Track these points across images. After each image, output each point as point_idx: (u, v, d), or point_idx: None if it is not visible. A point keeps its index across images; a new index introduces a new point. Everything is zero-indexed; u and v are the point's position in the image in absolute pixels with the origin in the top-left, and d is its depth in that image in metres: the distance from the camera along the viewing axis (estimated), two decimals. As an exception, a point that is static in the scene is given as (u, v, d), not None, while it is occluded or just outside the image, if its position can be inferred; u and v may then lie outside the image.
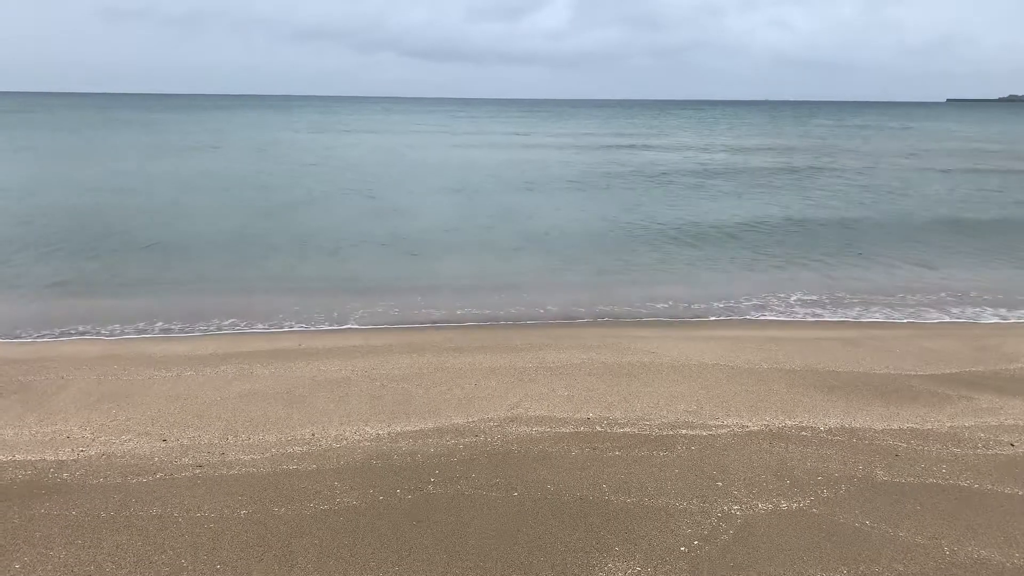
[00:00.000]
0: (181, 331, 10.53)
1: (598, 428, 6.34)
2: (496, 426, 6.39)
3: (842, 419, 6.64)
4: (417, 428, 6.36)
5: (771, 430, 6.34)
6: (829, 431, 6.33)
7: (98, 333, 10.39)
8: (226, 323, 10.99)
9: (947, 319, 11.67)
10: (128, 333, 10.42)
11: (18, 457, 5.78)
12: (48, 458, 5.76)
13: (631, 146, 50.97)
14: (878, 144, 55.25)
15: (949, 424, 6.53)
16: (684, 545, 4.51)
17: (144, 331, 10.55)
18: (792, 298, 12.77)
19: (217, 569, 4.25)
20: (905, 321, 11.49)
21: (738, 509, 4.93)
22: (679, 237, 18.28)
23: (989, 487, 5.31)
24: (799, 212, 22.42)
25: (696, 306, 12.24)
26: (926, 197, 26.02)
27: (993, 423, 6.57)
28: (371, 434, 6.24)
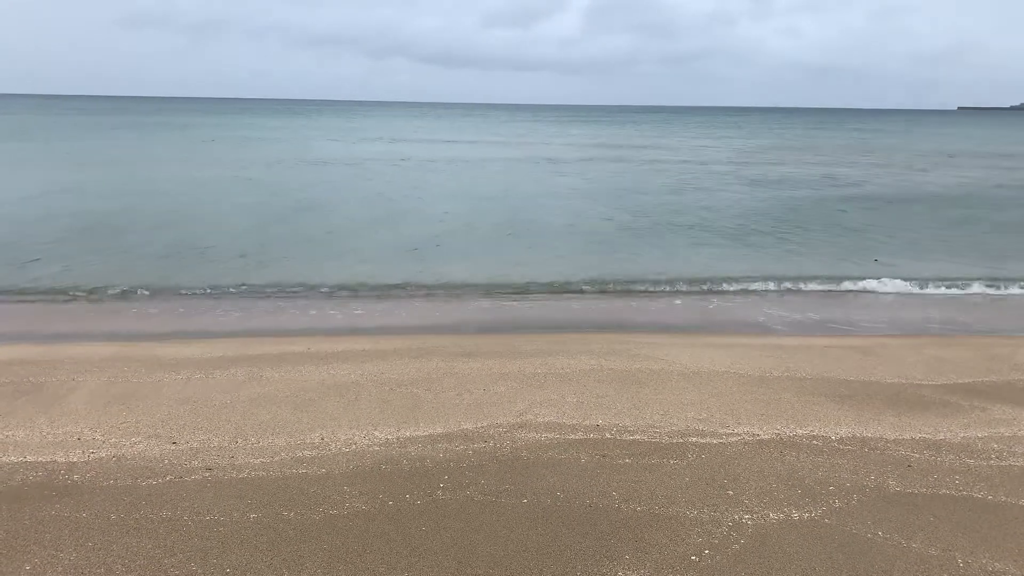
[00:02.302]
0: (191, 334, 10.56)
1: (608, 435, 6.32)
2: (505, 432, 6.37)
3: (853, 428, 6.59)
4: (426, 433, 6.35)
5: (782, 439, 6.30)
6: (840, 440, 6.29)
7: (109, 335, 10.43)
8: (236, 326, 11.02)
9: (955, 328, 11.60)
10: (139, 335, 10.46)
11: (29, 459, 5.80)
12: (59, 460, 5.78)
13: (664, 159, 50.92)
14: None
15: (962, 435, 6.48)
16: (695, 554, 4.48)
17: (154, 333, 10.59)
18: (804, 305, 12.72)
19: (227, 572, 4.25)
20: (915, 332, 11.42)
21: (749, 518, 4.90)
22: (695, 242, 18.24)
23: (1003, 499, 5.26)
24: (828, 218, 22.34)
25: (707, 312, 12.20)
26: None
27: (1007, 434, 6.52)
28: (380, 439, 6.24)
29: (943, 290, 13.96)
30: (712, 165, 41.22)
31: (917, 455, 6.00)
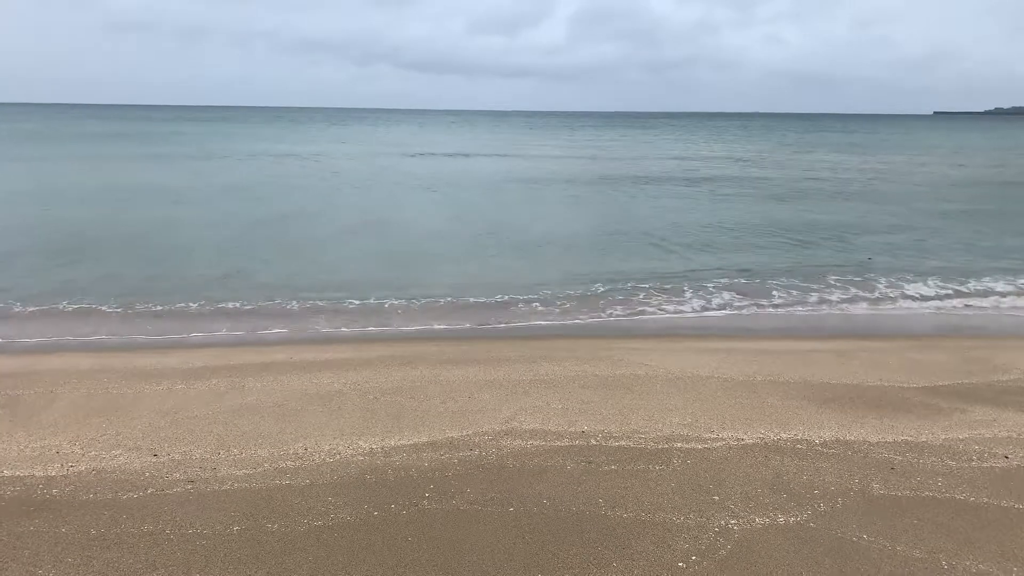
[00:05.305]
0: (172, 344, 10.45)
1: (593, 442, 6.31)
2: (491, 440, 6.35)
3: (837, 432, 6.63)
4: (411, 442, 6.31)
5: (766, 443, 6.32)
6: (824, 444, 6.32)
7: (89, 346, 10.29)
8: (217, 335, 10.92)
9: (938, 331, 11.72)
10: (118, 346, 10.33)
11: (6, 473, 5.70)
12: (37, 474, 5.68)
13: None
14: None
15: (944, 436, 6.54)
16: (682, 560, 4.48)
17: (134, 343, 10.47)
18: (788, 307, 12.80)
19: (210, 587, 4.19)
20: (896, 333, 11.53)
21: (735, 524, 4.91)
22: (677, 247, 18.31)
23: (985, 500, 5.31)
24: (812, 219, 22.52)
25: (686, 316, 12.25)
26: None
27: (987, 435, 6.59)
28: (364, 448, 6.19)
29: None
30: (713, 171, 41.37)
31: (900, 457, 6.04)
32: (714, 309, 12.77)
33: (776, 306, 13.02)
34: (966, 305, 13.28)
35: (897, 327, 11.90)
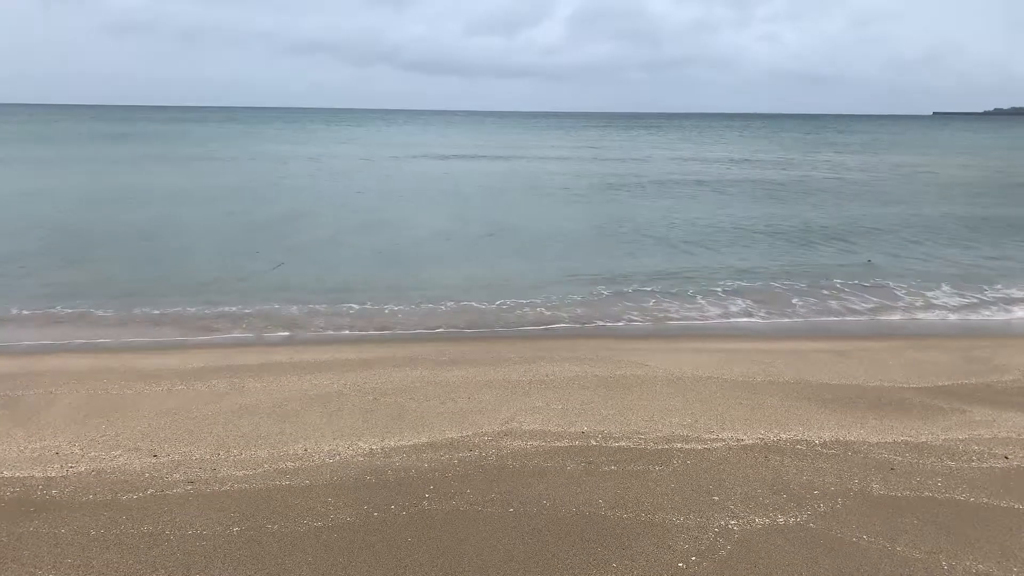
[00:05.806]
0: (172, 345, 10.45)
1: (593, 442, 6.32)
2: (490, 440, 6.35)
3: (836, 432, 6.63)
4: (411, 443, 6.32)
5: (766, 443, 6.32)
6: (824, 444, 6.32)
7: (88, 347, 10.29)
8: (217, 336, 10.92)
9: (937, 331, 11.71)
10: (118, 346, 10.33)
11: (6, 474, 5.70)
12: (36, 475, 5.68)
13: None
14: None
15: (943, 437, 6.54)
16: (682, 561, 4.48)
17: (133, 344, 10.47)
18: (788, 308, 12.80)
19: (209, 588, 4.19)
20: (895, 333, 11.52)
21: (735, 524, 4.91)
22: (675, 245, 18.30)
23: (985, 500, 5.31)
24: (812, 220, 22.51)
25: (689, 317, 12.25)
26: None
27: (987, 436, 6.58)
28: (364, 449, 6.19)
29: None
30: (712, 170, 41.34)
31: (899, 458, 6.04)
32: (721, 317, 12.76)
33: (792, 314, 13.00)
34: (970, 307, 13.28)
35: (897, 327, 11.90)
